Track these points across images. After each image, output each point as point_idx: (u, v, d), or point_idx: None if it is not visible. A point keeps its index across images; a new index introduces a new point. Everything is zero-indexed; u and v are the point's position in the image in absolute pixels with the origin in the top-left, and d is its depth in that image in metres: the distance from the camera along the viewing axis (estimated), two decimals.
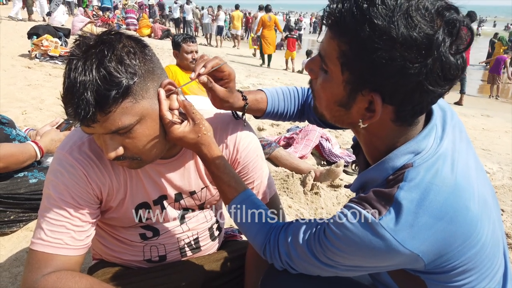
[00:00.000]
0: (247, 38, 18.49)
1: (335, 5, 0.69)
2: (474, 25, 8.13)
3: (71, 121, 0.83)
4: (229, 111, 1.14)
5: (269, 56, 11.40)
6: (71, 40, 7.65)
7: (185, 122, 0.95)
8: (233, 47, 17.07)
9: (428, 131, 0.79)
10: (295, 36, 11.51)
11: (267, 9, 11.49)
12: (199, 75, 0.96)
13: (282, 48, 14.29)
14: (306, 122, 1.26)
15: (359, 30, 0.65)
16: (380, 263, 0.78)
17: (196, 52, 3.39)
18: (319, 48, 0.78)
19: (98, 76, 0.79)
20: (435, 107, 0.83)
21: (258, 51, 12.38)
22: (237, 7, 14.94)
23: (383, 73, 0.66)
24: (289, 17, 23.36)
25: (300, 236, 0.88)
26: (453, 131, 0.82)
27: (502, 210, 2.95)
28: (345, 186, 1.03)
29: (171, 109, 0.94)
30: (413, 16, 0.63)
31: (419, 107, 0.72)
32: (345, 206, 0.80)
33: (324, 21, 0.73)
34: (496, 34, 15.18)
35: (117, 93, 0.80)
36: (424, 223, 0.71)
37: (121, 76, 0.81)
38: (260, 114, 1.17)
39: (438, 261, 0.75)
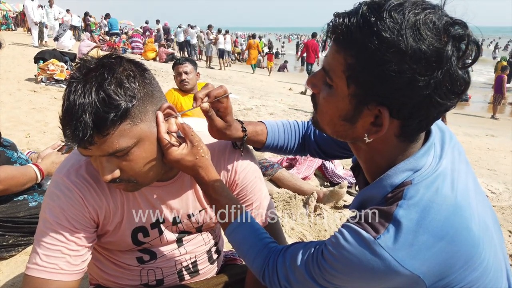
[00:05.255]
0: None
1: (341, 19, 0.69)
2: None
3: (69, 143, 0.83)
4: None
5: (253, 66, 17.54)
6: None
7: (183, 144, 0.95)
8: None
9: (427, 149, 0.77)
10: (272, 52, 19.25)
11: (253, 36, 19.09)
12: (201, 101, 0.96)
13: (261, 61, 20.34)
14: None
15: (367, 43, 0.65)
16: (379, 285, 0.75)
17: (186, 73, 3.40)
18: (323, 62, 0.78)
19: (97, 98, 0.79)
20: (433, 127, 0.82)
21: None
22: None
23: (392, 86, 0.66)
24: (269, 40, 29.43)
25: (299, 258, 0.85)
26: (452, 152, 0.81)
27: (510, 232, 2.88)
28: (344, 206, 1.01)
29: (169, 132, 0.93)
30: (421, 29, 0.63)
31: (425, 122, 0.72)
32: (342, 226, 0.78)
33: (329, 35, 0.73)
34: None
35: (116, 116, 0.80)
36: (424, 242, 0.69)
37: (120, 99, 0.81)
38: (260, 146, 1.16)
39: (439, 283, 0.72)
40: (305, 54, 14.14)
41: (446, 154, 0.78)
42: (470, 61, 0.67)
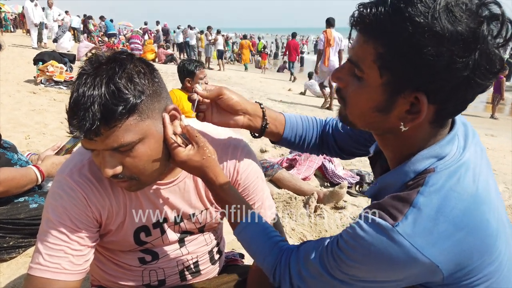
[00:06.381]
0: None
1: (368, 9, 0.69)
2: None
3: (75, 133, 0.83)
4: (233, 133, 1.15)
5: (245, 65, 19.06)
6: (76, 65, 7.79)
7: (189, 145, 0.95)
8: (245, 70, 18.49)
9: (451, 138, 0.77)
10: (266, 52, 20.72)
11: (244, 36, 20.37)
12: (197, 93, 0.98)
13: (260, 61, 20.84)
14: None
15: (400, 30, 0.65)
16: (397, 275, 0.74)
17: (205, 76, 3.48)
18: (349, 55, 0.76)
19: (107, 91, 0.80)
20: (457, 119, 0.81)
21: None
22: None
23: (430, 70, 0.65)
24: (263, 39, 29.61)
25: (312, 253, 0.84)
26: (475, 148, 0.80)
27: None
28: (362, 192, 0.99)
29: (175, 134, 0.94)
30: (455, 11, 0.63)
31: (461, 105, 0.71)
32: (359, 216, 0.77)
33: (354, 26, 0.73)
34: None
35: (124, 109, 0.81)
36: (443, 230, 0.68)
37: (129, 93, 0.82)
38: (276, 139, 1.13)
39: (457, 274, 0.71)
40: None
41: (469, 148, 0.78)
42: (502, 40, 0.66)
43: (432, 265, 0.69)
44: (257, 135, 1.12)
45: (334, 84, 8.42)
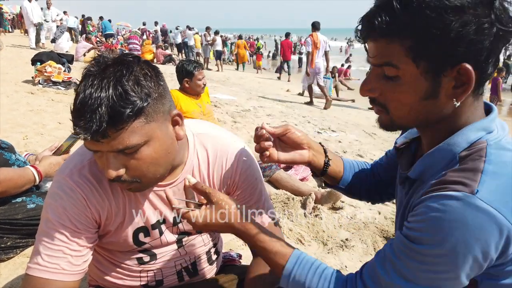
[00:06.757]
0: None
1: (377, 16, 0.72)
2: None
3: (82, 134, 0.82)
4: (232, 135, 1.15)
5: (243, 64, 19.12)
6: (74, 66, 7.78)
7: (203, 206, 0.94)
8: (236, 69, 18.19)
9: (494, 117, 0.80)
10: (260, 53, 20.47)
11: (240, 37, 20.42)
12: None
13: (250, 60, 21.90)
14: None
15: (421, 18, 0.68)
16: (479, 249, 0.68)
17: (204, 77, 3.48)
18: (374, 62, 0.78)
19: (115, 93, 0.80)
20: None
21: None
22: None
23: (463, 41, 0.68)
24: (260, 39, 29.88)
25: (377, 268, 0.78)
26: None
27: None
28: (401, 174, 0.93)
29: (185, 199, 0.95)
30: None
31: (495, 61, 0.73)
32: (420, 204, 0.73)
33: (368, 38, 0.76)
34: None
35: (131, 111, 0.82)
36: None
37: (137, 96, 0.83)
38: (334, 182, 1.11)
39: None
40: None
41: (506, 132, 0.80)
42: None
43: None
44: (319, 174, 1.10)
45: (321, 83, 8.82)
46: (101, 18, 19.89)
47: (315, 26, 8.43)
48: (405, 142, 0.98)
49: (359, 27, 0.78)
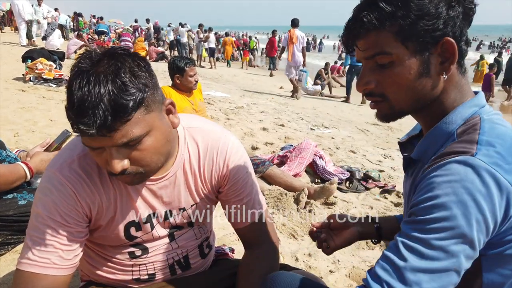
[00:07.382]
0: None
1: (366, 14, 0.80)
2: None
3: (68, 133, 0.82)
4: (224, 129, 1.17)
5: (228, 61, 19.55)
6: (65, 63, 7.71)
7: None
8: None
9: (483, 95, 0.88)
10: (247, 49, 20.94)
11: (226, 34, 20.51)
12: None
13: (252, 60, 21.78)
14: (300, 140, 1.27)
15: (404, 5, 0.78)
16: (485, 209, 0.69)
17: (196, 74, 3.45)
18: (365, 57, 0.85)
19: (115, 86, 0.80)
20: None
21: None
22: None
23: (439, 17, 0.77)
24: (248, 36, 29.59)
25: (390, 256, 0.74)
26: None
27: None
28: (404, 156, 0.97)
29: None
30: None
31: (465, 38, 0.83)
32: (422, 180, 0.76)
33: (357, 37, 0.83)
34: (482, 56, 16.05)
35: (134, 103, 0.82)
36: None
37: (135, 87, 0.83)
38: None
39: None
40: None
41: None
42: None
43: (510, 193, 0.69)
44: (375, 240, 1.18)
45: (292, 76, 9.61)
46: (93, 16, 19.70)
47: (294, 23, 9.15)
48: (408, 139, 1.03)
49: (346, 33, 0.85)
